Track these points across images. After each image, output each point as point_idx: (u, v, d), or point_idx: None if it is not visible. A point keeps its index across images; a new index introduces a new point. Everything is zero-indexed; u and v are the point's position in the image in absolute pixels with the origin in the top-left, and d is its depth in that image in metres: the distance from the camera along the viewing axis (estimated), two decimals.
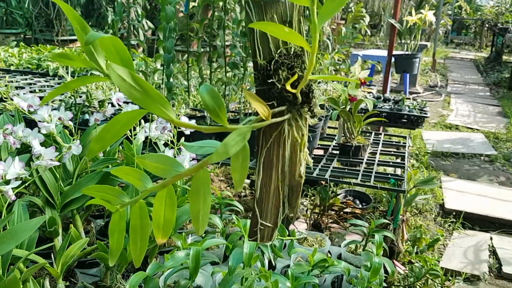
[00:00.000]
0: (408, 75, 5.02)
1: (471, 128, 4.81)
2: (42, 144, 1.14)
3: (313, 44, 0.45)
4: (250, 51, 2.24)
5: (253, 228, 0.57)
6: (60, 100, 2.48)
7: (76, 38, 5.22)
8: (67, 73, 3.13)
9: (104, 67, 0.48)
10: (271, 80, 0.51)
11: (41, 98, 1.68)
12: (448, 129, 4.79)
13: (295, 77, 0.50)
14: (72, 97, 2.48)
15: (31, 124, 1.27)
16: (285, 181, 0.56)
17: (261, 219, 0.56)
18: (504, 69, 8.40)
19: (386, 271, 1.34)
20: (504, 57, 9.32)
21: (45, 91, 2.79)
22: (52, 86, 2.94)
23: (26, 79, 3.10)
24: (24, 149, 1.37)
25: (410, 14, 3.53)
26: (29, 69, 3.42)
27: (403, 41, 3.86)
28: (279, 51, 0.52)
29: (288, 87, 0.50)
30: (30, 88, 2.81)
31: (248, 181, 3.11)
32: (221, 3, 2.20)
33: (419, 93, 6.17)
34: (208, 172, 0.49)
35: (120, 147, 1.49)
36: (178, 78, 2.87)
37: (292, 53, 0.52)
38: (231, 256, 1.03)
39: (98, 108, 2.36)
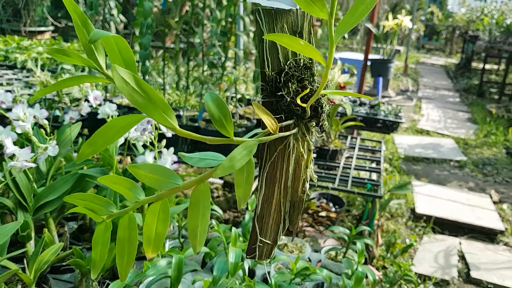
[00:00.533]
0: (381, 79, 5.08)
1: (442, 134, 4.90)
2: (14, 143, 1.09)
3: (328, 58, 0.43)
4: (228, 51, 2.20)
5: (251, 245, 0.55)
6: (28, 94, 2.40)
7: (44, 29, 5.06)
8: (36, 66, 3.02)
9: (104, 66, 0.44)
10: (280, 93, 0.49)
11: (8, 91, 1.60)
12: (419, 134, 4.87)
13: (307, 90, 0.48)
14: None
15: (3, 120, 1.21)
16: (287, 197, 0.53)
17: (260, 236, 0.54)
18: (473, 75, 8.61)
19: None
20: (474, 64, 9.55)
21: (13, 84, 2.69)
22: (20, 80, 2.83)
23: None
24: None
25: (386, 19, 3.57)
26: None
27: (379, 45, 3.89)
28: (288, 62, 0.50)
29: (298, 101, 0.48)
30: None
31: (221, 181, 3.08)
32: (202, 0, 2.16)
33: (391, 97, 6.26)
34: (209, 186, 0.46)
35: None
36: (152, 75, 2.81)
37: (302, 65, 0.50)
38: (215, 264, 1.00)
39: (69, 104, 2.28)
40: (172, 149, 1.18)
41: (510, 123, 5.06)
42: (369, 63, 3.67)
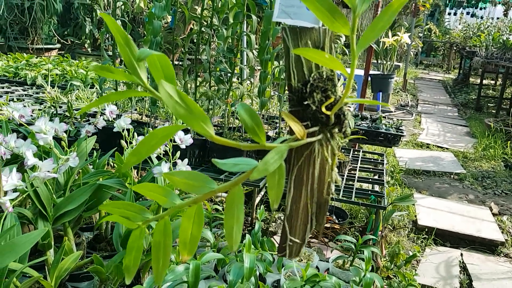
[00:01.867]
0: (381, 94, 5.16)
1: (441, 147, 4.96)
2: (33, 156, 1.14)
3: (351, 69, 0.48)
4: (234, 67, 2.27)
5: (282, 244, 0.59)
6: (39, 110, 2.45)
7: (51, 47, 5.13)
8: (46, 82, 3.09)
9: (146, 81, 0.50)
10: (306, 102, 0.54)
11: (24, 107, 1.66)
12: (419, 148, 4.93)
13: (331, 100, 0.54)
14: (53, 107, 2.46)
15: (17, 134, 1.26)
16: (313, 199, 0.58)
17: (290, 235, 0.58)
18: (471, 90, 8.71)
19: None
20: (471, 79, 9.67)
21: (23, 100, 2.75)
22: (30, 95, 2.90)
23: (3, 88, 3.05)
24: (12, 160, 1.35)
25: (386, 35, 3.65)
26: (6, 77, 3.36)
27: (379, 61, 3.97)
28: (312, 74, 0.55)
29: (323, 109, 0.53)
30: (8, 97, 2.76)
31: (224, 194, 3.12)
32: (208, 19, 2.23)
33: (391, 111, 6.33)
34: (242, 189, 0.51)
35: (110, 158, 1.49)
36: None
37: (325, 76, 0.55)
38: (231, 270, 1.05)
39: (79, 119, 2.34)
40: (186, 160, 1.23)
41: (508, 137, 5.12)
42: (369, 78, 3.74)
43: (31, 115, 2.29)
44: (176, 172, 0.51)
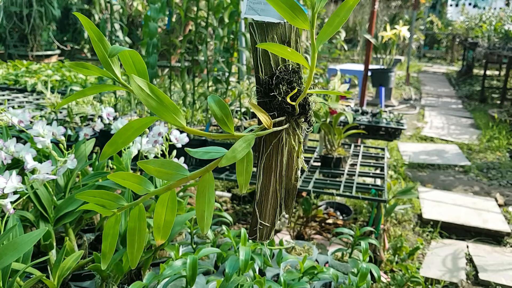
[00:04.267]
0: (383, 88, 5.16)
1: (446, 140, 4.95)
2: (33, 159, 1.16)
3: (311, 62, 0.50)
4: (232, 66, 2.29)
5: (253, 228, 0.62)
6: (40, 116, 2.48)
7: (51, 53, 5.18)
8: (46, 88, 3.12)
9: (120, 77, 0.51)
10: (272, 94, 0.56)
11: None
12: (423, 141, 4.92)
13: (295, 91, 0.56)
14: (53, 113, 2.49)
15: (17, 140, 1.29)
16: (282, 185, 0.60)
17: (260, 219, 0.61)
18: (475, 82, 8.67)
19: (372, 278, 1.39)
20: (475, 71, 9.63)
21: (24, 106, 2.78)
22: (31, 102, 2.93)
23: (3, 95, 3.08)
24: (13, 164, 1.38)
25: (385, 29, 3.65)
26: (6, 85, 3.39)
27: (378, 55, 3.97)
28: (279, 67, 0.57)
29: (288, 100, 0.55)
30: (9, 104, 2.79)
31: (229, 194, 3.14)
32: (204, 20, 2.25)
33: (394, 106, 6.32)
34: (213, 176, 0.53)
35: (109, 160, 1.51)
36: None
37: (290, 69, 0.57)
38: (227, 262, 1.06)
39: (80, 124, 2.37)
40: (182, 158, 1.25)
41: None
42: (369, 73, 3.74)
43: (31, 121, 2.32)
44: (151, 161, 0.53)
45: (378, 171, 2.37)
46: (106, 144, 0.56)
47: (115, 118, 1.66)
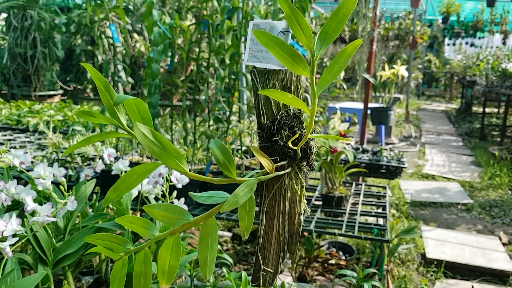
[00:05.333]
0: (383, 126, 5.19)
1: (447, 178, 4.94)
2: (34, 201, 1.16)
3: (312, 108, 0.50)
4: (232, 105, 2.31)
5: (256, 274, 0.61)
6: (42, 156, 2.49)
7: (53, 93, 5.24)
8: (48, 128, 3.14)
9: (125, 124, 0.52)
10: (274, 138, 0.57)
11: (25, 153, 1.68)
12: (425, 179, 4.91)
13: (296, 135, 0.56)
14: (55, 153, 2.50)
15: (18, 180, 1.28)
16: (285, 229, 0.60)
17: (263, 265, 0.60)
18: (474, 119, 8.73)
19: None
20: (474, 108, 9.70)
21: (25, 146, 2.79)
22: (32, 142, 2.94)
23: (5, 135, 3.10)
24: (13, 206, 1.37)
25: (383, 69, 3.70)
26: (9, 125, 3.42)
27: (377, 94, 4.02)
28: (280, 112, 0.58)
29: (290, 145, 0.56)
30: (11, 144, 2.80)
31: (229, 234, 3.10)
32: (206, 61, 2.28)
33: (395, 143, 6.34)
34: (216, 221, 0.53)
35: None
36: (160, 132, 2.92)
37: (292, 114, 0.58)
38: None
39: (81, 164, 2.37)
40: (183, 199, 1.24)
41: None
42: (369, 111, 3.77)
43: (32, 161, 2.32)
44: (156, 205, 0.53)
45: (380, 210, 2.35)
46: (109, 190, 0.56)
47: (116, 158, 1.66)
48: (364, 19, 6.12)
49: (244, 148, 2.43)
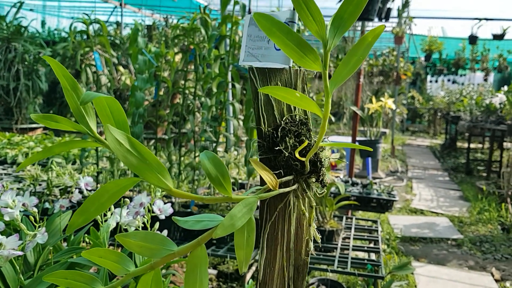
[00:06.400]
0: (370, 160, 5.14)
1: (436, 213, 4.88)
2: (2, 233, 1.05)
3: (325, 109, 0.43)
4: (219, 135, 2.23)
5: None
6: (18, 188, 2.37)
7: (35, 126, 5.10)
8: None
9: (95, 130, 0.43)
10: (278, 148, 0.48)
11: None
12: (413, 214, 4.84)
13: (305, 143, 0.48)
14: (32, 185, 2.38)
15: None
16: (290, 260, 0.50)
17: None
18: (459, 154, 8.77)
19: None
20: (459, 144, 9.77)
21: (2, 179, 2.66)
22: (10, 174, 2.82)
23: None
24: None
25: (370, 102, 3.68)
26: None
27: (365, 128, 3.99)
28: (284, 118, 0.50)
29: (297, 155, 0.47)
30: None
31: (214, 271, 2.97)
32: (192, 90, 2.22)
33: (382, 178, 6.29)
34: (206, 250, 0.44)
35: (86, 235, 1.39)
36: None
37: (298, 120, 0.50)
38: None
39: (59, 196, 2.25)
40: (165, 231, 1.15)
41: (501, 199, 5.06)
42: (357, 144, 3.73)
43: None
44: (131, 234, 0.44)
45: (372, 245, 2.26)
46: (75, 213, 0.47)
47: (94, 190, 1.56)
48: None
49: (231, 181, 2.34)
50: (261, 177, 0.46)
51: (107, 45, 2.20)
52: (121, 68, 5.61)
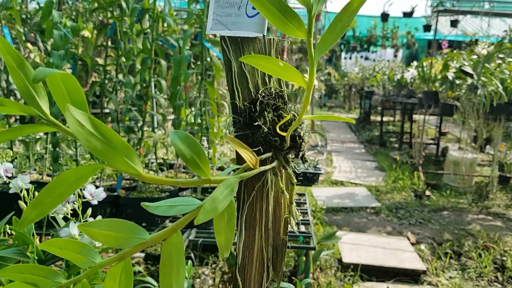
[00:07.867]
0: None
1: (355, 183, 5.11)
2: None
3: (309, 79, 0.41)
4: (145, 114, 2.15)
5: None
6: None
7: None
8: None
9: (48, 112, 0.38)
10: (256, 123, 0.45)
11: None
12: (334, 185, 5.03)
13: (288, 117, 0.45)
14: None
15: None
16: (269, 241, 0.48)
17: None
18: (373, 128, 9.22)
19: None
20: (372, 117, 10.27)
21: None
22: None
23: None
24: None
25: None
26: None
27: (290, 104, 4.04)
28: (260, 91, 0.47)
29: (278, 130, 0.45)
30: None
31: (142, 254, 2.90)
32: (114, 67, 2.11)
33: None
34: (182, 237, 0.40)
35: (7, 225, 1.28)
36: (61, 147, 2.66)
37: (274, 93, 0.47)
38: None
39: None
40: (99, 217, 1.08)
41: (414, 168, 5.41)
42: None
43: None
44: (95, 222, 0.40)
45: (301, 217, 2.32)
46: (28, 206, 0.41)
47: (11, 177, 1.44)
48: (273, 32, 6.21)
49: (159, 161, 2.28)
50: (237, 155, 0.43)
51: (17, 19, 2.03)
52: (29, 45, 5.21)
